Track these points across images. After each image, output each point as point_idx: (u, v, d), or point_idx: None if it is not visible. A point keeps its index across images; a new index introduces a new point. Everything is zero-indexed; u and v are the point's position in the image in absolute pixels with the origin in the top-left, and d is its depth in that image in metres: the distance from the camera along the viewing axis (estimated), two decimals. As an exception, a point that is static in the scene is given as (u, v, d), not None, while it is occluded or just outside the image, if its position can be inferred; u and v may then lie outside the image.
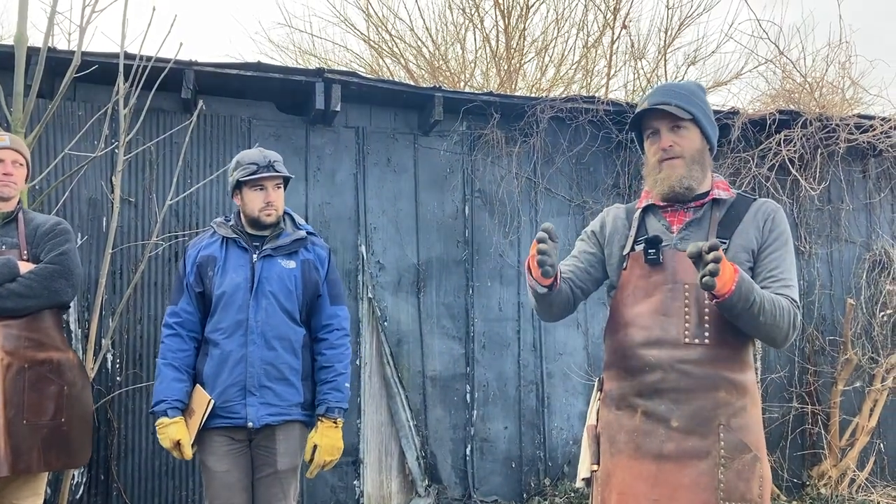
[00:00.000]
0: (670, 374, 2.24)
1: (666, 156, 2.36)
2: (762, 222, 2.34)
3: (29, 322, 3.10)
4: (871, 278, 6.22)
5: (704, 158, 2.39)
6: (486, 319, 5.55)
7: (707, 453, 2.19)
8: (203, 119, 4.91)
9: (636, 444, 2.26)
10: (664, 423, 2.23)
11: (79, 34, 4.10)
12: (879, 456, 6.13)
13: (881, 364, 5.98)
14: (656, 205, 2.44)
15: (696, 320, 2.24)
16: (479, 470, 5.43)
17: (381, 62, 11.10)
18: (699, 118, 2.35)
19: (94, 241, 4.68)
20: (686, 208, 2.40)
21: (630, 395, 2.30)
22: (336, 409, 3.17)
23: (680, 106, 2.33)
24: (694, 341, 2.24)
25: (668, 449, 2.21)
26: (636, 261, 2.37)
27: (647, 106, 2.35)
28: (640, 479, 2.23)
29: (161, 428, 3.10)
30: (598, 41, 9.50)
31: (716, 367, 2.23)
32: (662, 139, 2.36)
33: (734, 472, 2.18)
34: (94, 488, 4.63)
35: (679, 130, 2.35)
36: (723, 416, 2.21)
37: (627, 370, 2.32)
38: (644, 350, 2.28)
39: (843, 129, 5.86)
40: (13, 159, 3.21)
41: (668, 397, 2.24)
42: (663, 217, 2.42)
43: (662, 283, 2.29)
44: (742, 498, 2.17)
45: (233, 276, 3.16)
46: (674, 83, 2.51)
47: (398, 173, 5.46)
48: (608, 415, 2.37)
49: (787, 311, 2.22)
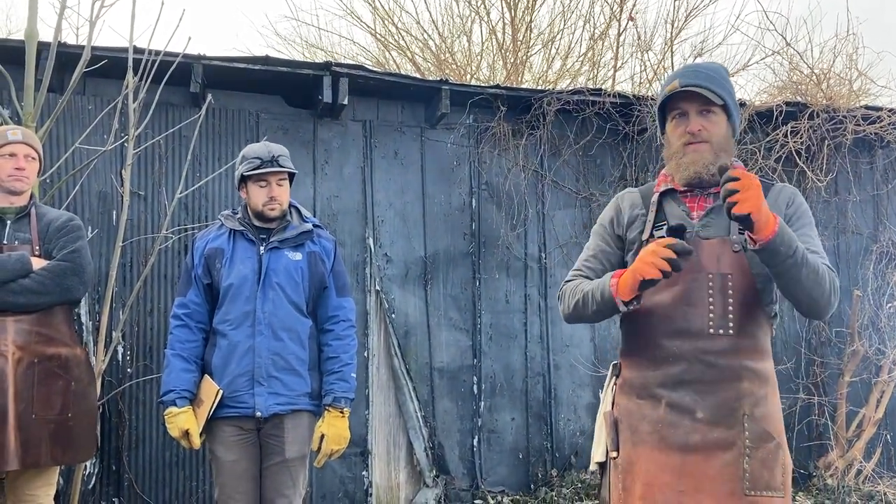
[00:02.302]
0: (695, 365, 2.21)
1: (694, 140, 2.28)
2: (784, 206, 2.29)
3: (39, 317, 3.11)
4: (878, 270, 6.21)
5: (729, 145, 2.33)
6: (493, 311, 5.57)
7: (732, 444, 2.17)
8: (211, 113, 4.94)
9: (661, 435, 2.23)
10: (689, 415, 2.20)
11: (88, 28, 4.14)
12: (886, 447, 6.14)
13: (888, 355, 5.98)
14: (675, 189, 2.37)
15: (720, 311, 2.21)
16: (487, 461, 5.47)
17: (387, 55, 11.11)
18: (728, 105, 2.30)
19: (104, 234, 4.73)
20: (707, 194, 2.33)
21: (653, 385, 2.27)
22: (343, 399, 3.20)
23: (712, 90, 2.26)
24: (718, 332, 2.20)
25: (694, 440, 2.19)
26: None
27: (678, 87, 2.27)
28: (666, 470, 2.20)
29: (170, 418, 3.14)
30: (605, 33, 9.48)
31: (739, 358, 2.21)
32: (691, 122, 2.29)
33: (758, 461, 2.17)
34: (106, 479, 4.69)
35: (708, 115, 2.29)
36: (746, 405, 2.19)
37: (649, 360, 2.29)
38: (667, 340, 2.25)
39: (850, 120, 5.86)
40: (25, 153, 3.20)
41: (692, 388, 2.21)
42: (683, 202, 2.35)
43: (686, 271, 2.20)
44: (767, 486, 2.16)
45: (240, 268, 3.19)
46: (702, 64, 2.39)
47: (405, 166, 5.48)
48: (628, 403, 2.33)
49: (826, 272, 2.16)
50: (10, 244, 3.15)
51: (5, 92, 4.31)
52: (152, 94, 4.38)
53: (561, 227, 5.75)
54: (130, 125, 4.18)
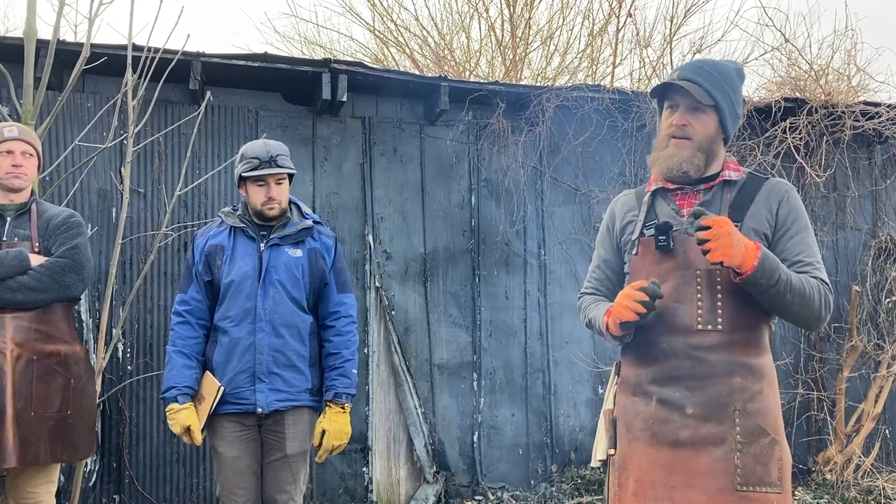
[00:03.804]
0: (684, 361, 2.22)
1: (677, 133, 2.29)
2: (775, 205, 2.28)
3: (39, 314, 3.10)
4: (877, 265, 6.22)
5: (714, 147, 2.32)
6: (493, 308, 5.58)
7: (723, 439, 2.18)
8: (210, 110, 4.95)
9: (652, 431, 2.25)
10: (679, 411, 2.22)
11: (87, 26, 4.13)
12: (885, 442, 6.15)
13: (887, 350, 6.00)
14: (666, 188, 2.38)
15: (708, 306, 2.22)
16: (487, 457, 5.48)
17: (386, 52, 11.11)
18: (721, 107, 2.28)
19: (104, 231, 4.73)
20: (696, 191, 2.34)
21: (645, 382, 2.29)
22: (344, 395, 3.21)
23: (706, 89, 2.25)
24: (707, 327, 2.21)
25: (684, 436, 2.20)
26: (647, 247, 2.33)
27: (674, 79, 2.28)
28: (658, 465, 2.22)
29: (171, 414, 3.14)
30: (604, 29, 9.49)
31: (731, 353, 2.21)
32: (678, 116, 2.30)
33: (751, 456, 2.17)
34: (107, 476, 4.70)
35: (697, 113, 2.29)
36: (738, 401, 2.19)
37: (642, 357, 2.31)
38: (657, 337, 2.26)
39: (848, 116, 5.86)
40: (22, 150, 3.18)
41: (682, 384, 2.22)
42: (673, 200, 2.37)
43: (674, 269, 2.25)
44: (760, 482, 2.15)
45: (241, 265, 3.19)
46: (712, 61, 2.37)
47: (404, 163, 5.48)
48: (625, 400, 2.36)
49: (818, 290, 2.20)
50: (9, 241, 3.13)
51: (4, 90, 4.32)
52: (151, 92, 4.39)
53: (560, 224, 5.76)
54: (130, 122, 4.18)
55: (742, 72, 2.40)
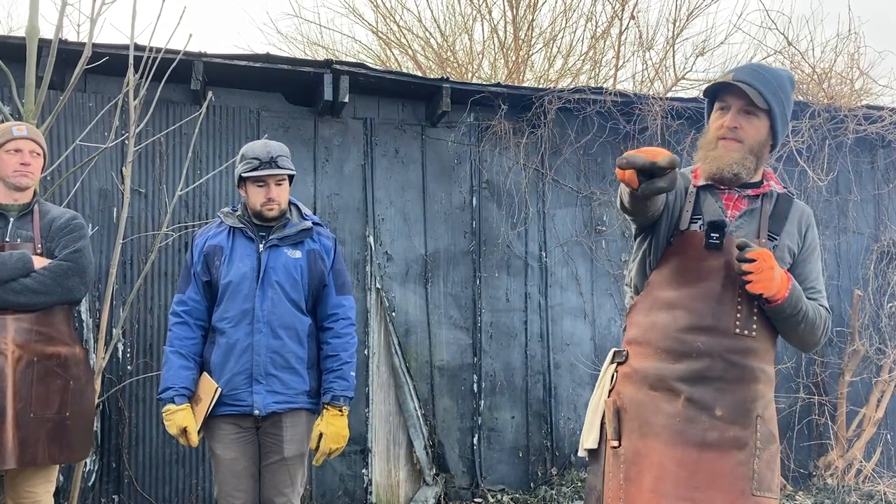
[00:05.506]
0: (718, 363, 2.22)
1: (728, 135, 2.27)
2: (804, 227, 2.36)
3: (40, 316, 3.10)
4: (879, 269, 6.21)
5: (762, 152, 2.32)
6: (494, 310, 5.57)
7: (746, 443, 2.20)
8: (212, 110, 4.94)
9: (676, 429, 2.22)
10: (708, 412, 2.21)
11: (89, 26, 4.13)
12: (886, 447, 6.14)
13: (888, 355, 5.98)
14: (713, 185, 2.36)
15: (746, 312, 2.23)
16: (487, 459, 5.47)
17: (388, 53, 11.10)
18: (774, 113, 2.27)
19: (104, 231, 4.73)
20: (744, 195, 2.33)
21: (671, 378, 2.25)
22: (341, 398, 3.19)
23: (761, 93, 2.24)
24: (743, 332, 2.23)
25: (712, 437, 2.20)
26: (691, 240, 2.29)
27: (730, 80, 2.26)
28: (682, 465, 2.20)
29: (168, 415, 3.13)
30: (607, 32, 9.48)
31: (757, 360, 2.25)
32: (730, 118, 2.28)
33: (764, 462, 2.20)
34: (106, 476, 4.69)
35: (749, 116, 2.27)
36: (759, 407, 2.23)
37: (669, 352, 2.27)
38: (691, 335, 2.24)
39: (851, 119, 5.85)
40: (31, 149, 3.20)
41: (713, 386, 2.21)
42: (720, 199, 2.35)
43: (718, 268, 2.23)
44: (769, 489, 2.20)
45: (239, 266, 3.18)
46: (769, 67, 2.34)
47: (406, 164, 5.48)
48: (637, 393, 2.31)
49: (824, 320, 2.31)
50: (12, 241, 3.14)
51: (6, 89, 4.31)
52: (153, 92, 4.38)
53: (562, 226, 5.75)
54: (131, 122, 4.18)
55: (794, 81, 2.39)
